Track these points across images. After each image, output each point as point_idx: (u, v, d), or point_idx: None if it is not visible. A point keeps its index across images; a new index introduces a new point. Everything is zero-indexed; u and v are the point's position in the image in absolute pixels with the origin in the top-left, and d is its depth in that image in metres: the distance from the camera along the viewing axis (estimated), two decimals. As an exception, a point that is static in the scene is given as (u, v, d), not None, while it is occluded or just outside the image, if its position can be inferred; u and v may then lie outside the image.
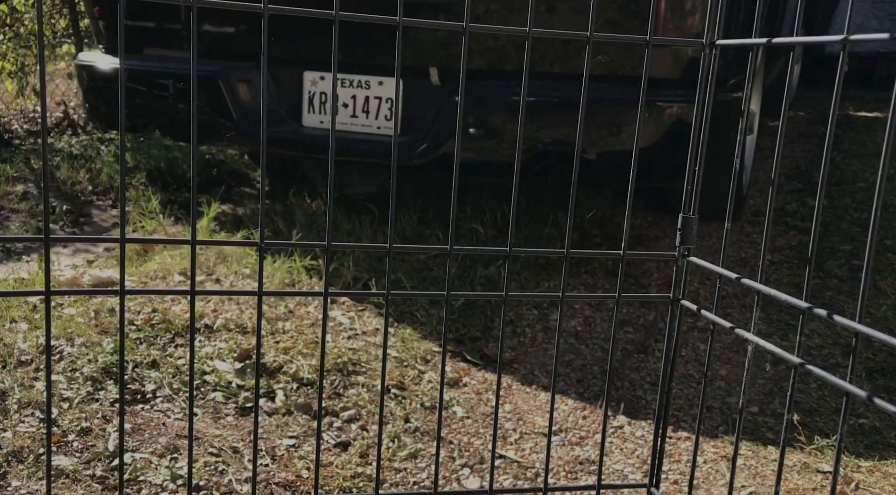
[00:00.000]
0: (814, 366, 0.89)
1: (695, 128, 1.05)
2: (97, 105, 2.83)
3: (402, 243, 2.53)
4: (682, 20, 2.19)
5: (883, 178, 0.78)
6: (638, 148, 1.09)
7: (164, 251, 2.36)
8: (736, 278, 1.03)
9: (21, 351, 1.65)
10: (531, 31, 0.94)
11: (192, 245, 0.97)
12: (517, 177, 1.04)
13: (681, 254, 1.15)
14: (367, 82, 2.44)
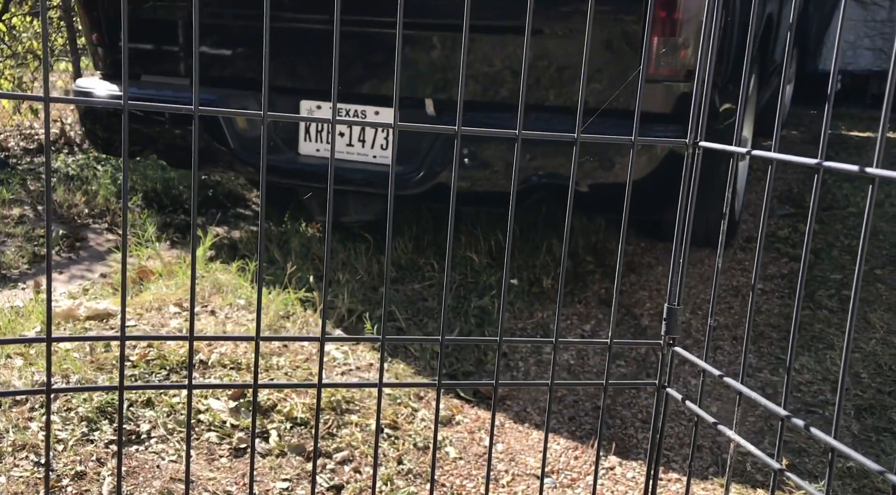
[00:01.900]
0: (793, 474, 0.91)
1: (679, 217, 1.07)
2: (94, 130, 2.84)
3: (396, 271, 2.54)
4: (673, 55, 2.22)
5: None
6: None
7: (160, 280, 2.38)
8: (719, 375, 1.05)
9: (15, 388, 1.66)
10: (520, 133, 0.96)
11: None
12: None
13: (666, 342, 1.17)
14: (364, 112, 2.47)
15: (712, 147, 0.99)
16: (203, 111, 0.93)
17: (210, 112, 0.97)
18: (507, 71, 2.27)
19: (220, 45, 2.59)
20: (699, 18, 2.19)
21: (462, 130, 0.96)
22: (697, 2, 2.18)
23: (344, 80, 2.45)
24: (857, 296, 0.80)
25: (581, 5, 2.18)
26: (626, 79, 2.23)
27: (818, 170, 0.84)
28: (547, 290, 2.49)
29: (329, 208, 1.02)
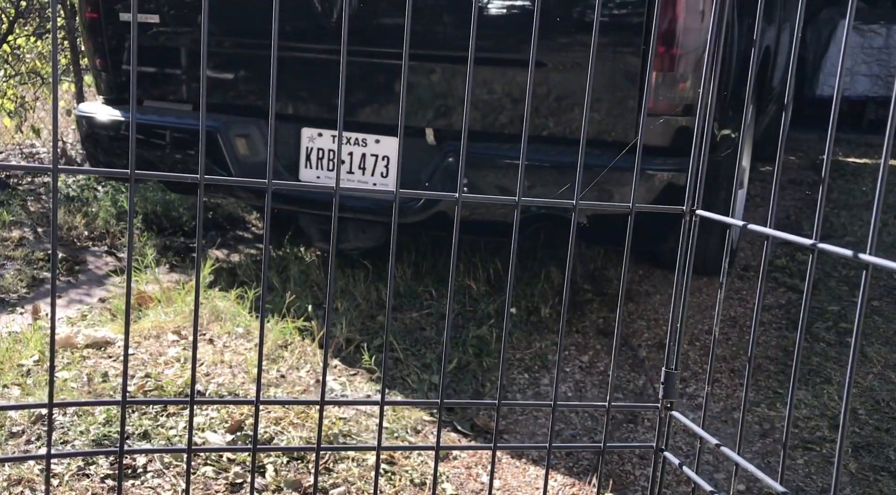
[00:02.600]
0: None
1: (677, 280, 1.08)
2: (96, 154, 2.86)
3: (395, 299, 2.55)
4: (672, 89, 2.24)
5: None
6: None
7: (158, 306, 2.38)
8: (716, 445, 1.05)
9: (12, 421, 1.66)
10: (520, 200, 0.98)
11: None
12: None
13: (664, 406, 1.17)
14: (365, 140, 2.48)
15: (709, 216, 1.00)
16: (209, 180, 0.94)
17: (214, 181, 0.98)
18: (507, 100, 2.29)
19: (223, 71, 2.61)
20: (697, 53, 2.22)
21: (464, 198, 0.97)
22: (695, 37, 2.20)
23: (345, 108, 2.47)
24: (855, 350, 0.81)
25: (580, 37, 2.21)
26: (624, 110, 2.25)
27: (813, 250, 0.85)
28: (545, 319, 2.50)
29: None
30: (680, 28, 2.19)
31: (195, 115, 2.67)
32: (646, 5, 2.19)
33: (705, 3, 2.19)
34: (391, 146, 2.49)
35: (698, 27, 2.21)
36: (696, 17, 2.20)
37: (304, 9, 2.42)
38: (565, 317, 1.10)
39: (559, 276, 2.79)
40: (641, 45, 2.20)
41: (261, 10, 2.48)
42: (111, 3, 2.68)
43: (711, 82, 0.99)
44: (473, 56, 0.97)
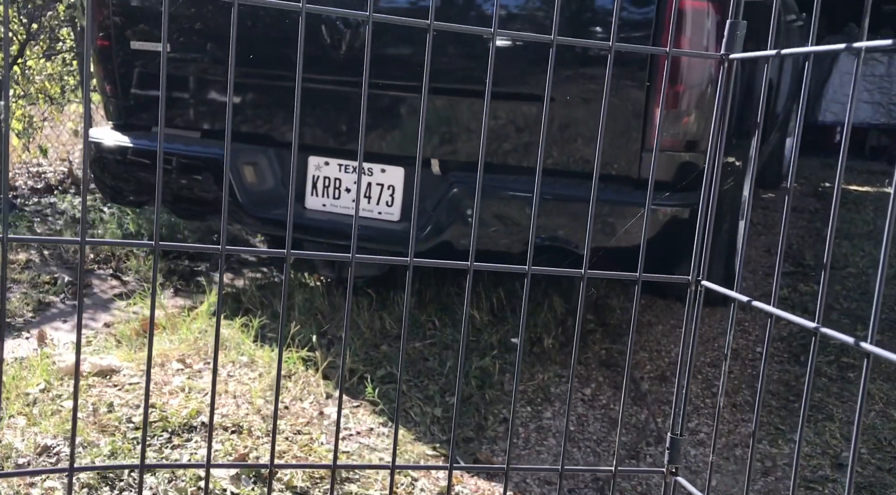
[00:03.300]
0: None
1: (681, 359, 1.09)
2: (103, 178, 2.88)
3: (398, 328, 2.56)
4: (675, 125, 2.26)
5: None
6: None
7: (163, 333, 2.39)
8: None
9: (18, 452, 1.67)
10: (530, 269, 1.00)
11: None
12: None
13: (668, 471, 1.17)
14: (370, 169, 2.50)
15: (714, 288, 1.01)
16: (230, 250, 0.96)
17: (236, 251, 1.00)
18: (511, 132, 2.31)
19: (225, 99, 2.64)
20: (701, 88, 2.24)
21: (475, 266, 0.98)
22: (699, 74, 2.23)
23: (351, 137, 2.50)
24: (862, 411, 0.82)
25: (584, 70, 2.23)
26: (627, 145, 2.27)
27: (815, 333, 0.86)
28: (548, 350, 2.50)
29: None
30: (684, 65, 2.21)
31: (203, 141, 2.70)
32: (650, 40, 2.22)
33: (709, 39, 2.22)
34: (397, 175, 2.51)
35: (702, 62, 2.23)
36: (699, 50, 2.23)
37: (313, 40, 2.45)
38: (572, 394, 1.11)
39: (562, 305, 2.80)
40: (646, 81, 2.22)
41: (270, 39, 2.51)
42: (122, 31, 2.72)
43: (718, 153, 1.01)
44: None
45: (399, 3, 2.41)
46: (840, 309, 3.02)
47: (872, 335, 0.78)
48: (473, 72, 2.33)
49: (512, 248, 2.40)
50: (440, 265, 1.02)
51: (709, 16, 2.20)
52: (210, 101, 2.68)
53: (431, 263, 1.01)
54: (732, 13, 1.04)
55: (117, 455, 1.68)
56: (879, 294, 0.76)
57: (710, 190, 0.98)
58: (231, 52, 0.90)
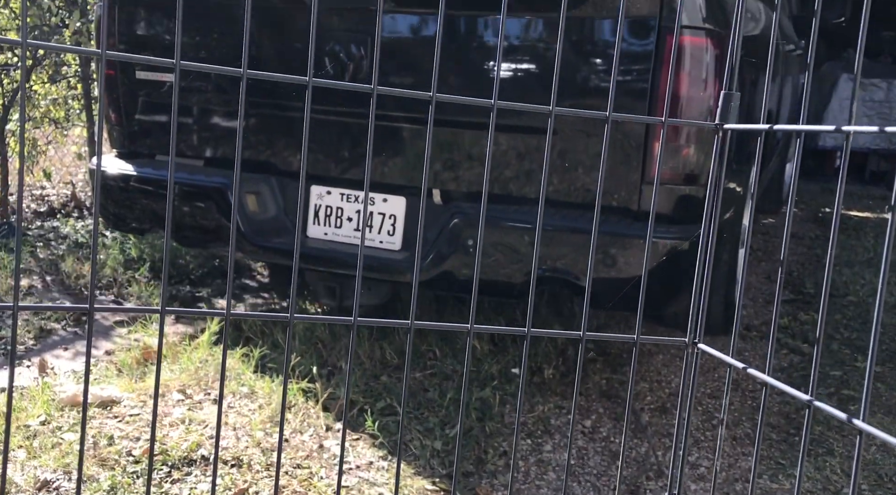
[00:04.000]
0: None
1: (679, 415, 1.10)
2: (106, 206, 2.90)
3: (398, 358, 2.56)
4: (675, 157, 2.28)
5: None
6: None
7: (164, 363, 2.39)
8: None
9: (17, 486, 1.67)
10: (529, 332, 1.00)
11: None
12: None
13: None
14: (372, 198, 2.52)
15: (710, 352, 1.02)
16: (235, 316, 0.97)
17: (240, 316, 1.01)
18: (513, 164, 2.33)
19: (231, 129, 2.66)
20: (699, 121, 2.26)
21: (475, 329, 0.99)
22: (698, 107, 2.25)
23: (353, 167, 2.52)
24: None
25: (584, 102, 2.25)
26: (627, 177, 2.29)
27: (809, 406, 0.87)
28: (548, 381, 2.51)
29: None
30: (683, 99, 2.23)
31: (207, 170, 2.72)
32: (650, 72, 2.24)
33: (708, 72, 2.25)
34: (398, 205, 2.53)
35: (701, 96, 2.25)
36: (699, 87, 2.25)
37: (316, 71, 2.48)
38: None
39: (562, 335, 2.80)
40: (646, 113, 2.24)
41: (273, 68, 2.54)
42: (128, 62, 2.75)
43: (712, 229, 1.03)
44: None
45: (401, 32, 2.43)
46: (840, 338, 3.02)
47: (865, 412, 0.79)
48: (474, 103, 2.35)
49: (512, 278, 2.41)
50: (440, 328, 1.03)
51: (707, 51, 2.22)
52: (214, 130, 2.70)
53: (432, 326, 1.02)
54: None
55: (117, 490, 1.68)
56: (870, 376, 0.77)
57: (705, 255, 0.99)
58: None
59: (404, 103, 2.39)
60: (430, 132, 0.92)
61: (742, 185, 2.79)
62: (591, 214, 2.32)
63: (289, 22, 2.54)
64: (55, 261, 3.37)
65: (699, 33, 2.17)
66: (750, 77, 2.61)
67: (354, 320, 0.95)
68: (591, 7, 2.18)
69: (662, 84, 2.24)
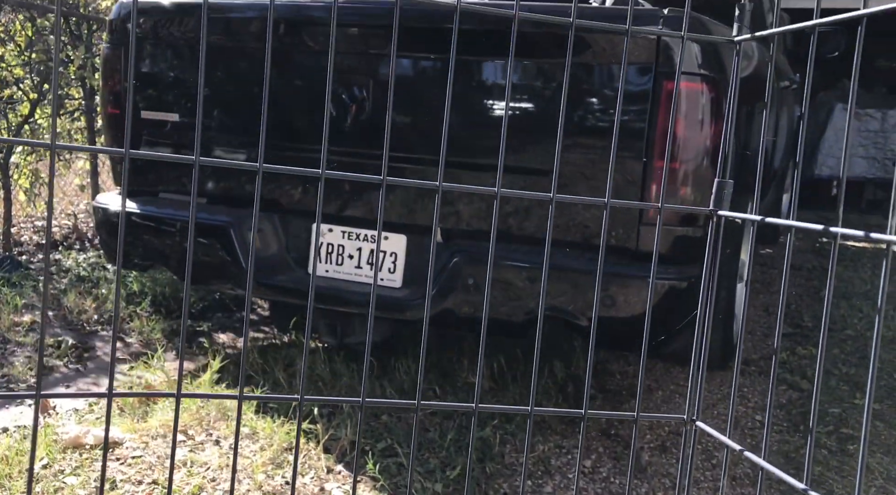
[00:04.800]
0: None
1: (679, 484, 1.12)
2: (109, 242, 2.93)
3: (399, 396, 2.57)
4: (672, 198, 2.30)
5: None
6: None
7: (165, 403, 2.40)
8: None
9: (21, 533, 1.67)
10: (532, 410, 1.02)
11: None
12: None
13: None
14: (373, 236, 2.55)
15: (708, 431, 1.05)
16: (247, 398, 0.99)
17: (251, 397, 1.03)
18: (514, 203, 2.35)
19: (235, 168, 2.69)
20: (697, 161, 2.30)
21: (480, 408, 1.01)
22: (695, 147, 2.29)
23: (356, 205, 2.55)
24: None
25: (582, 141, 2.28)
26: (625, 218, 2.31)
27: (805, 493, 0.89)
28: (548, 419, 2.51)
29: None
30: (680, 140, 2.27)
31: (210, 208, 2.75)
32: (647, 114, 2.27)
33: (704, 114, 2.29)
34: (399, 243, 2.55)
35: (697, 136, 2.29)
36: (695, 128, 2.29)
37: (320, 112, 2.52)
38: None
39: (563, 370, 2.82)
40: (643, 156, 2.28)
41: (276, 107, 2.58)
42: (134, 100, 2.79)
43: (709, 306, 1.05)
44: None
45: (404, 70, 2.46)
46: (839, 374, 3.03)
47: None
48: (476, 143, 2.39)
49: (513, 317, 2.42)
50: (443, 408, 1.05)
51: (703, 94, 2.27)
52: (217, 168, 2.73)
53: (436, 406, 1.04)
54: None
55: (119, 537, 1.68)
56: (862, 464, 0.79)
57: (702, 338, 1.02)
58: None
59: (405, 144, 2.43)
60: (437, 218, 0.95)
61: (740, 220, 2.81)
62: (590, 254, 2.35)
63: (293, 60, 2.58)
64: (57, 296, 3.39)
65: (695, 79, 2.21)
66: (746, 108, 2.65)
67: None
68: (591, 54, 2.23)
69: (660, 124, 2.29)
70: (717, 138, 2.32)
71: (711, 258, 1.00)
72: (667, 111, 2.24)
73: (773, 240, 5.27)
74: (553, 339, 3.06)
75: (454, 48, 1.02)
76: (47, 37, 4.07)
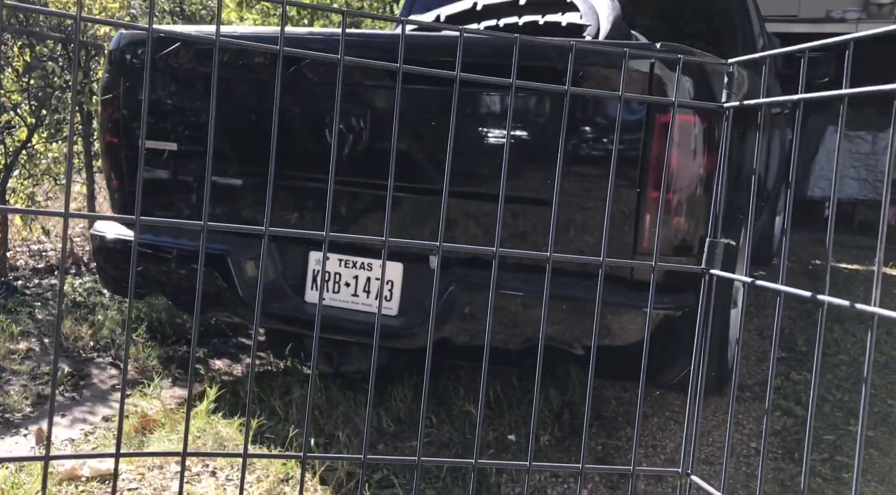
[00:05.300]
0: None
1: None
2: (106, 269, 2.93)
3: (395, 425, 2.57)
4: (667, 226, 2.32)
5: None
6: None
7: (162, 432, 2.40)
8: None
9: (17, 569, 1.67)
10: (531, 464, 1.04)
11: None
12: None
13: None
14: (370, 264, 2.56)
15: (703, 485, 1.06)
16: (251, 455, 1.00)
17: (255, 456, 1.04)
18: (510, 230, 2.37)
19: (233, 194, 2.70)
20: (690, 189, 2.32)
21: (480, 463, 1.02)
22: (688, 177, 2.31)
23: (352, 232, 2.56)
24: None
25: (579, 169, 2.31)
26: (620, 247, 2.34)
27: None
28: (544, 448, 2.52)
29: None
30: (673, 170, 2.30)
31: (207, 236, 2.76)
32: (641, 143, 2.30)
33: (697, 144, 2.32)
34: (396, 270, 2.57)
35: (690, 165, 2.32)
36: (688, 158, 2.31)
37: (317, 142, 2.54)
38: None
39: (559, 398, 2.83)
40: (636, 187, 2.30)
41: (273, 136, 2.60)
42: (132, 129, 2.81)
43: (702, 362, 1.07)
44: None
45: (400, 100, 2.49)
46: (832, 400, 3.04)
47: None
48: (471, 172, 2.41)
49: (509, 345, 2.43)
50: (444, 463, 1.06)
51: (696, 126, 2.30)
52: (215, 197, 2.75)
53: (437, 462, 1.06)
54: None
55: (116, 572, 1.68)
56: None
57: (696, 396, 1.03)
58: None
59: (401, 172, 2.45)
60: (436, 283, 0.96)
61: (734, 239, 2.83)
62: (586, 282, 2.36)
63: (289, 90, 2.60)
64: (53, 322, 3.39)
65: (687, 111, 2.25)
66: (738, 131, 2.68)
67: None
68: (586, 86, 2.26)
69: (653, 155, 2.31)
70: (709, 167, 2.34)
71: (704, 316, 1.02)
72: (660, 142, 2.28)
73: (766, 261, 5.31)
74: (549, 366, 3.07)
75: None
76: (45, 62, 4.10)
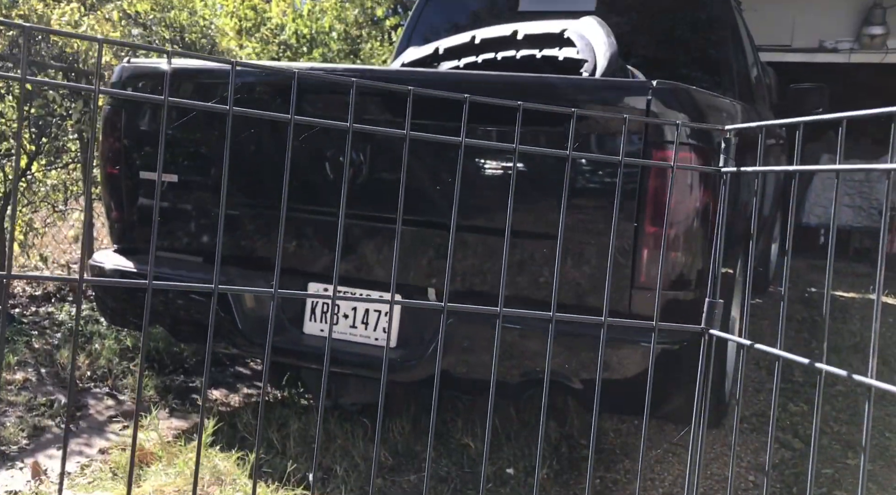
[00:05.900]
0: None
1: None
2: (105, 300, 2.93)
3: (393, 459, 2.57)
4: (664, 261, 2.34)
5: None
6: None
7: (159, 466, 2.39)
8: None
9: None
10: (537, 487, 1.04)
11: None
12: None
13: None
14: (369, 295, 2.57)
15: None
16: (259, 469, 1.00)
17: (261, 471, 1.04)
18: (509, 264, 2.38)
19: (231, 226, 2.71)
20: (687, 223, 2.34)
21: None
22: (685, 212, 2.34)
23: (349, 265, 2.57)
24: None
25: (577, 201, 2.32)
26: (618, 282, 2.35)
27: None
28: (542, 482, 2.51)
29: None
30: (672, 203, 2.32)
31: (205, 266, 2.77)
32: (638, 177, 2.32)
33: (693, 178, 2.34)
34: (394, 303, 2.57)
35: (687, 200, 2.34)
36: (684, 193, 2.34)
37: (317, 174, 2.56)
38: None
39: (557, 431, 2.82)
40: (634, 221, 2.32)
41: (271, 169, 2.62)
42: (132, 161, 2.83)
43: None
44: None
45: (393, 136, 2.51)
46: (830, 432, 3.04)
47: None
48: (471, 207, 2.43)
49: (507, 378, 2.44)
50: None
51: (691, 162, 2.33)
52: (214, 228, 2.76)
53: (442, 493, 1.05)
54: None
55: None
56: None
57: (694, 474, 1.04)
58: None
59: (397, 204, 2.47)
60: (441, 339, 0.97)
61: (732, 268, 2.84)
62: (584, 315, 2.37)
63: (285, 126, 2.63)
64: (50, 352, 3.38)
65: (684, 148, 2.28)
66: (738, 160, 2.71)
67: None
68: (585, 125, 2.29)
69: (650, 191, 2.34)
70: (705, 202, 2.37)
71: (704, 375, 1.03)
72: (656, 178, 2.30)
73: (762, 288, 5.32)
74: (547, 400, 3.07)
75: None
76: (46, 91, 4.13)
